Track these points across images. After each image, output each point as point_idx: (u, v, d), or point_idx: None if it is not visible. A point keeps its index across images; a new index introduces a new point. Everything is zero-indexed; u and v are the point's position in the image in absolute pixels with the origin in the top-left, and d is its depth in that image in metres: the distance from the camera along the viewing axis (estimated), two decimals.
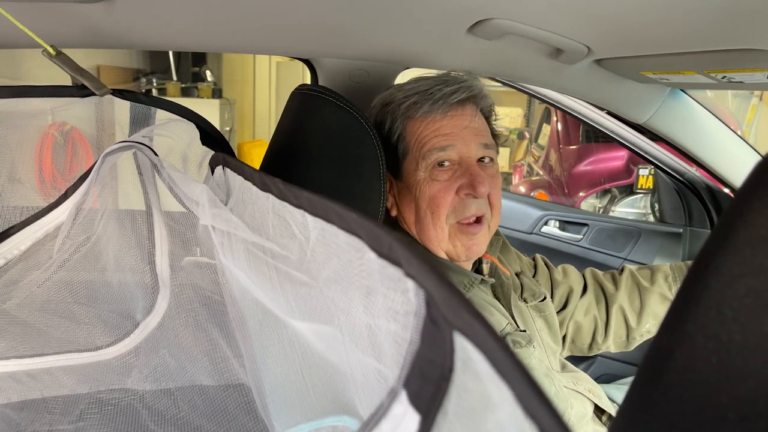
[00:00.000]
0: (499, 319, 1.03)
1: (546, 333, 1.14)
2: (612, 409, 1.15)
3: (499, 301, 1.08)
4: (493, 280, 1.10)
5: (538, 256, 1.33)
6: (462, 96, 1.02)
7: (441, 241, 1.03)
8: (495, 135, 1.10)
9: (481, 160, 1.03)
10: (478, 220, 1.03)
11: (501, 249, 1.21)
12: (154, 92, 5.29)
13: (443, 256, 1.06)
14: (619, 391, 1.56)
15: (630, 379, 1.68)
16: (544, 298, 1.17)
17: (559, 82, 1.31)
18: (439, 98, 1.01)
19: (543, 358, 1.06)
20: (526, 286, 1.17)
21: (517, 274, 1.19)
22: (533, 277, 1.25)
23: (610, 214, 4.27)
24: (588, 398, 1.10)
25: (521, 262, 1.26)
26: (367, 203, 0.94)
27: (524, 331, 1.06)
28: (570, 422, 1.03)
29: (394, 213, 1.09)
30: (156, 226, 0.92)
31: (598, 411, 1.14)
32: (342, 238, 0.40)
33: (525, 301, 1.14)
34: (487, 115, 1.09)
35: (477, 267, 1.13)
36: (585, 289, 1.28)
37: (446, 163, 1.01)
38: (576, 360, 1.58)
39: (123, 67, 5.25)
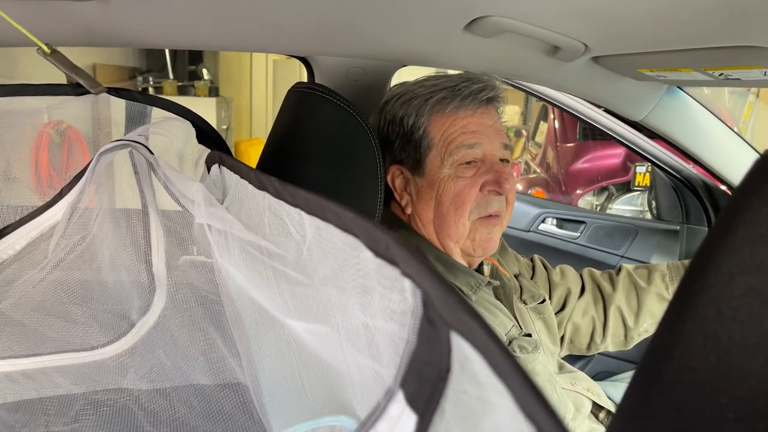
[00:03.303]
0: (504, 322, 1.03)
1: (545, 335, 1.14)
2: (611, 406, 1.15)
3: (501, 302, 1.08)
4: (498, 282, 1.10)
5: (536, 257, 1.33)
6: (490, 94, 1.02)
7: (460, 237, 1.03)
8: None
9: (500, 160, 1.04)
10: (496, 215, 1.04)
11: (500, 251, 1.21)
12: (151, 90, 5.27)
13: (458, 253, 1.06)
14: (616, 388, 1.56)
15: (627, 375, 1.68)
16: (543, 300, 1.17)
17: (556, 80, 1.31)
18: (467, 95, 1.01)
19: (546, 363, 1.06)
20: (525, 288, 1.16)
21: (515, 276, 1.19)
22: (531, 278, 1.25)
23: (608, 211, 4.28)
24: (586, 397, 1.10)
25: (519, 263, 1.26)
26: (363, 201, 0.93)
27: (529, 335, 1.05)
28: (568, 425, 1.04)
29: (409, 211, 1.07)
30: (152, 225, 0.91)
31: (595, 408, 1.14)
32: (338, 237, 0.39)
33: (524, 303, 1.14)
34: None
35: (477, 269, 1.12)
36: (583, 289, 1.28)
37: (471, 162, 1.01)
38: (574, 357, 1.58)
39: (119, 65, 5.23)
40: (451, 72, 1.14)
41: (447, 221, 1.02)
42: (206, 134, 0.89)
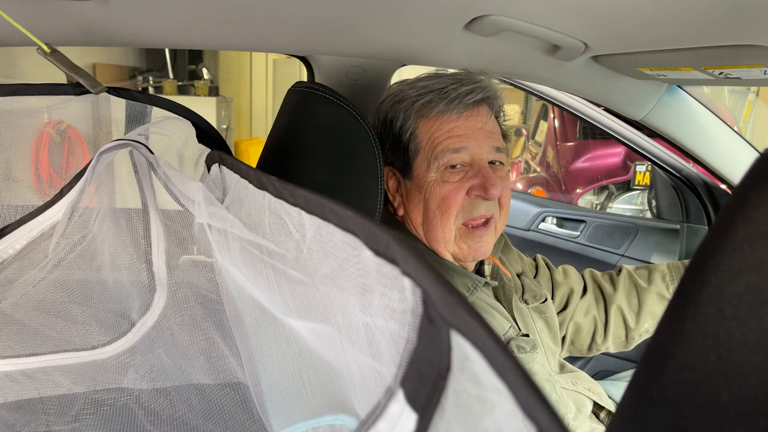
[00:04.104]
0: (501, 323, 1.02)
1: (546, 334, 1.14)
2: (612, 406, 1.15)
3: (500, 303, 1.08)
4: (496, 283, 1.09)
5: (539, 256, 1.32)
6: (478, 96, 1.00)
7: (448, 242, 1.02)
8: (504, 135, 1.07)
9: (491, 162, 1.02)
10: (486, 222, 1.02)
11: (503, 249, 1.21)
12: (151, 90, 5.28)
13: (449, 257, 1.05)
14: (617, 387, 1.56)
15: (627, 374, 1.68)
16: (545, 300, 1.17)
17: (556, 79, 1.31)
18: (454, 98, 0.98)
19: (545, 363, 1.06)
20: (527, 288, 1.16)
21: (518, 275, 1.19)
22: (534, 277, 1.24)
23: (608, 210, 4.28)
24: (587, 397, 1.10)
25: (522, 262, 1.25)
26: (363, 201, 0.93)
27: (527, 335, 1.05)
28: (569, 424, 1.03)
29: (401, 213, 1.07)
30: (152, 224, 0.91)
31: (596, 408, 1.14)
32: (338, 236, 0.39)
33: (526, 302, 1.13)
34: (497, 116, 1.07)
35: (478, 268, 1.12)
36: (585, 289, 1.28)
37: (458, 166, 0.99)
38: (574, 356, 1.58)
39: (119, 65, 5.24)
40: (451, 70, 1.14)
41: (434, 225, 1.01)
42: (206, 134, 0.89)
